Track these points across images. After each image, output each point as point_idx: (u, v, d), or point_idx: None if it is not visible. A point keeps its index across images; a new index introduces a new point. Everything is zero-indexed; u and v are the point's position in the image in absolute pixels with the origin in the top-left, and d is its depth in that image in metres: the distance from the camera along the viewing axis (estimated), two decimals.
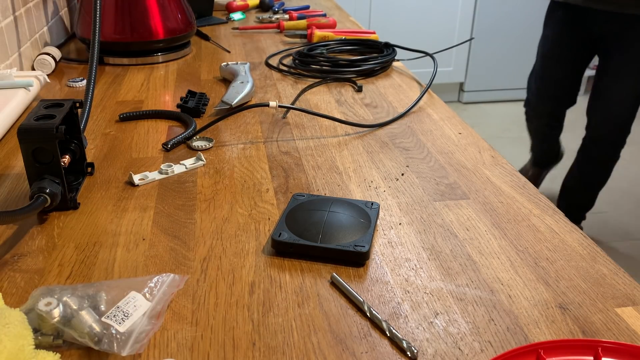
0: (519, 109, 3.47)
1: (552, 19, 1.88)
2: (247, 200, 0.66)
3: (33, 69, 1.08)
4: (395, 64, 1.15)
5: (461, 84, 3.56)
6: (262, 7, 1.64)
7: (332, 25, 1.40)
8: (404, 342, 0.45)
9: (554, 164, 2.26)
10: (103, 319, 0.45)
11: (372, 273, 0.53)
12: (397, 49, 1.17)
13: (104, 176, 0.71)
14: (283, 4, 1.68)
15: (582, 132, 2.83)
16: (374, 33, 1.32)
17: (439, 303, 0.50)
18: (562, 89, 1.96)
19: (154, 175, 0.70)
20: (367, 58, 1.10)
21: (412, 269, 0.54)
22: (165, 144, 0.78)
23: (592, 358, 0.42)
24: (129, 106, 0.93)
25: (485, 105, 3.57)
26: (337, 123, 0.86)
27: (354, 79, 1.05)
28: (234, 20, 1.53)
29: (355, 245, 0.54)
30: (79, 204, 0.64)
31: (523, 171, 2.36)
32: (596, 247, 0.57)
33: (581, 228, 2.14)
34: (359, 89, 1.00)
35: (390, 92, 1.00)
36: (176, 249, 0.57)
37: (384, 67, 1.11)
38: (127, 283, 0.50)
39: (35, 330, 0.44)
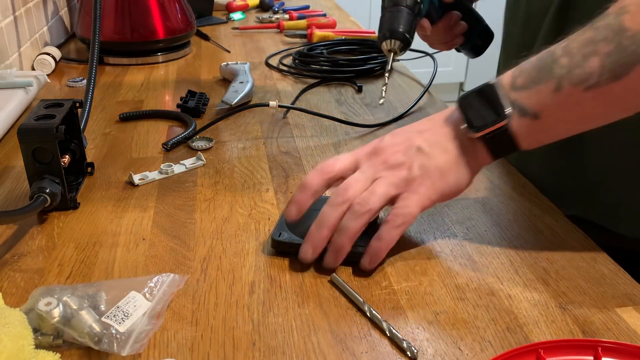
0: None
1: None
2: (247, 200, 0.66)
3: (33, 68, 1.08)
4: (395, 64, 1.15)
5: (461, 84, 3.56)
6: (262, 7, 1.64)
7: (332, 25, 1.40)
8: (404, 342, 0.45)
9: None
10: (103, 319, 0.45)
11: (372, 273, 0.53)
12: None
13: (104, 176, 0.71)
14: (283, 3, 1.67)
15: None
16: (374, 33, 1.32)
17: (439, 303, 0.50)
18: None
19: (154, 175, 0.70)
20: (367, 58, 1.10)
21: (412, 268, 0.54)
22: (165, 144, 0.78)
23: (592, 358, 0.42)
24: (129, 106, 0.93)
25: None
26: (337, 123, 0.85)
27: (354, 78, 1.05)
28: (234, 20, 1.53)
29: (356, 246, 0.54)
30: (79, 203, 0.64)
31: None
32: (596, 247, 0.57)
33: None
34: (359, 89, 1.00)
35: (390, 92, 1.00)
36: (176, 249, 0.57)
37: (384, 67, 1.10)
38: (127, 283, 0.50)
39: (35, 330, 0.44)
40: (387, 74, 0.74)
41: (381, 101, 0.75)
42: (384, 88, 0.74)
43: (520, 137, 0.51)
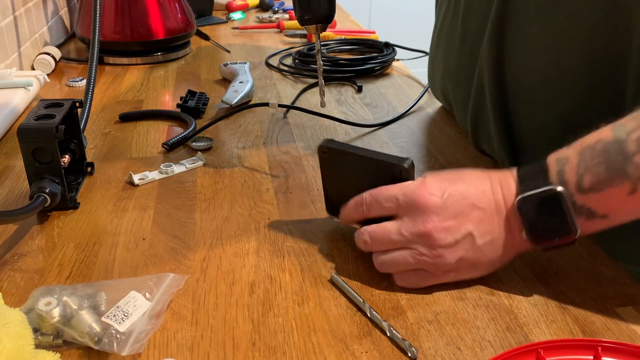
0: None
1: None
2: (247, 200, 0.66)
3: (33, 68, 1.08)
4: (395, 63, 1.15)
5: None
6: (262, 7, 1.64)
7: (332, 25, 1.40)
8: (404, 342, 0.45)
9: None
10: (103, 318, 0.45)
11: (372, 273, 0.53)
12: (397, 48, 1.17)
13: (104, 176, 0.71)
14: (283, 3, 1.67)
15: None
16: (374, 33, 1.32)
17: (439, 303, 0.50)
18: None
19: (153, 175, 0.70)
20: (367, 58, 1.10)
21: None
22: (165, 144, 0.78)
23: (592, 358, 0.42)
24: (129, 106, 0.93)
25: None
26: (337, 123, 0.85)
27: (354, 78, 1.05)
28: (233, 20, 1.53)
29: (399, 159, 0.52)
30: (79, 203, 0.64)
31: None
32: (596, 246, 0.57)
33: None
34: (359, 89, 1.00)
35: (390, 92, 1.00)
36: (176, 249, 0.57)
37: (384, 67, 1.10)
38: (127, 283, 0.50)
39: (35, 330, 0.44)
40: (320, 64, 0.67)
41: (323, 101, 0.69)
42: (321, 83, 0.67)
43: (581, 233, 0.47)
